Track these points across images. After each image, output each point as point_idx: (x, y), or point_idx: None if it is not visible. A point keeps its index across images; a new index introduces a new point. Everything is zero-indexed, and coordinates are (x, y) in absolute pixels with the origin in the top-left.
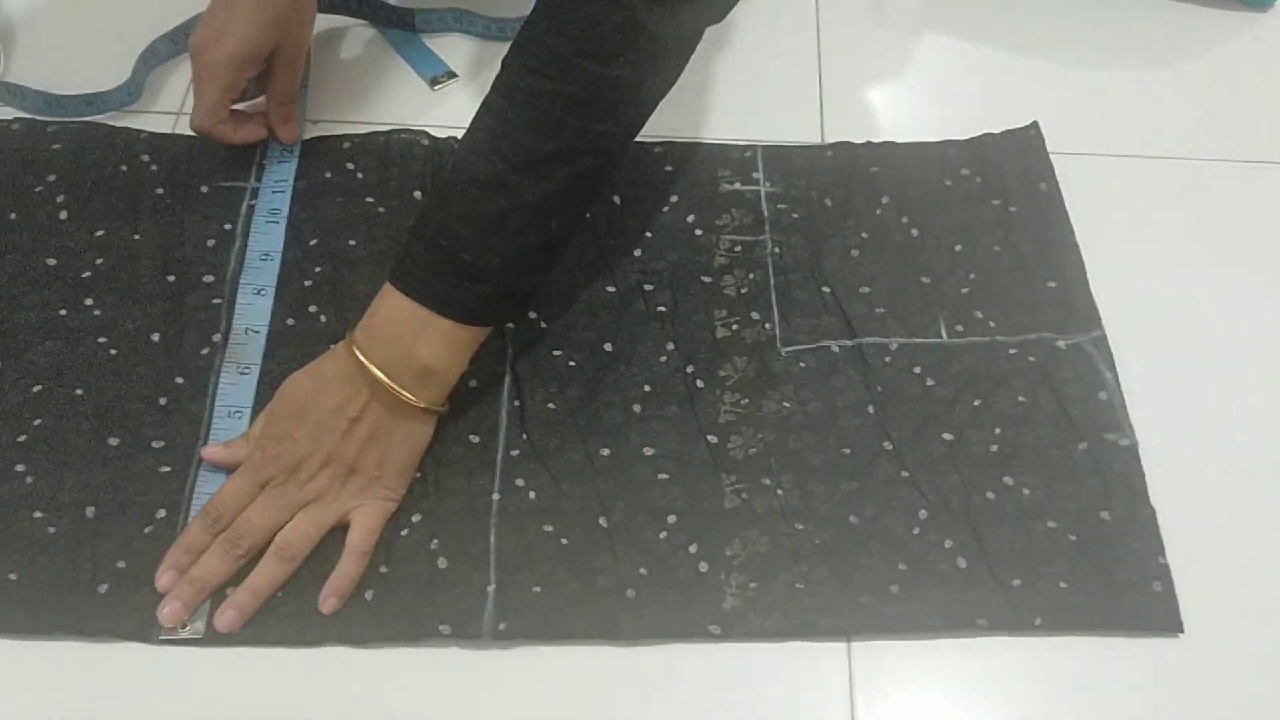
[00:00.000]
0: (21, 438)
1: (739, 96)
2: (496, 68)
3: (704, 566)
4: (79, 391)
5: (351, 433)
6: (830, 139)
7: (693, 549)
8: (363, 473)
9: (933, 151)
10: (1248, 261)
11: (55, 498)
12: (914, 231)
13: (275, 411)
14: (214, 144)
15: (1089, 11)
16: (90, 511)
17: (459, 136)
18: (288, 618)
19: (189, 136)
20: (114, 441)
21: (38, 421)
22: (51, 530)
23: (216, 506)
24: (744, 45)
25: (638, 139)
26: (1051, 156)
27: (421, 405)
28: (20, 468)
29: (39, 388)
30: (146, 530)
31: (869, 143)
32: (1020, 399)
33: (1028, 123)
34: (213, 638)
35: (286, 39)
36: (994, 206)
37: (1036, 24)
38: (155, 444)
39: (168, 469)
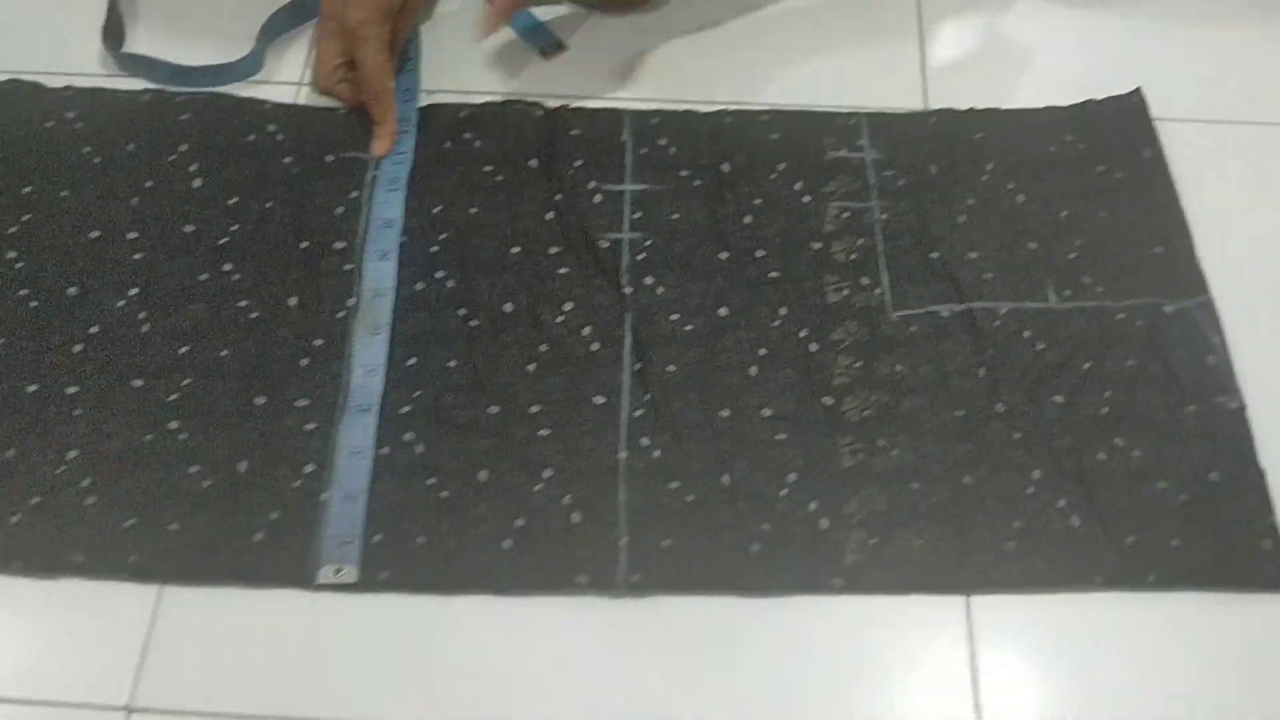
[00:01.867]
0: (173, 396)
1: (841, 64)
2: (605, 38)
3: (824, 523)
4: (224, 353)
5: None
6: (933, 105)
7: (813, 506)
8: None
9: (1036, 118)
10: None
11: (208, 453)
12: (1020, 198)
13: None
14: (336, 115)
15: None
16: (242, 466)
17: (570, 106)
18: (435, 564)
19: (313, 107)
20: (260, 400)
21: (187, 381)
22: (206, 484)
23: None
24: (846, 12)
25: (743, 106)
26: (1155, 123)
27: None
28: (173, 424)
29: (185, 349)
30: (295, 484)
31: (972, 109)
32: (1129, 362)
33: (1131, 89)
34: (365, 585)
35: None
36: (1098, 173)
37: None
38: (299, 402)
39: (312, 426)
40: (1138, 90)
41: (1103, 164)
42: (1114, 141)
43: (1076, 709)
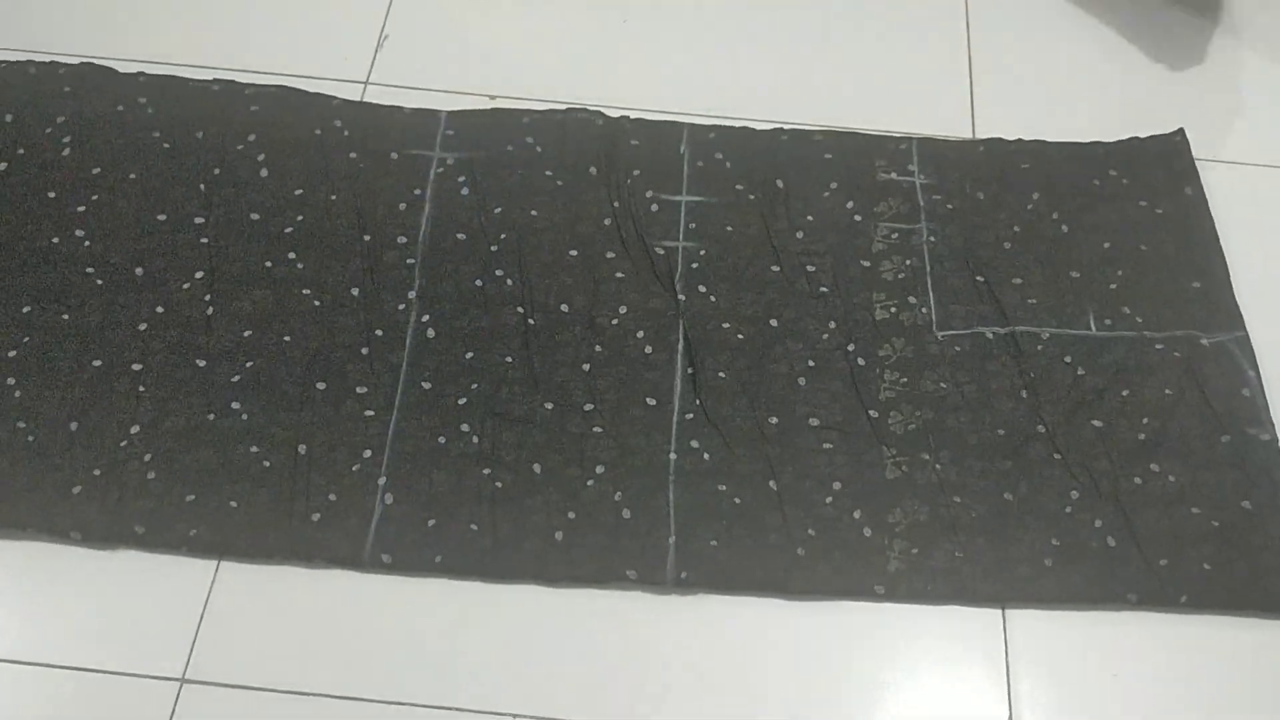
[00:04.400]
0: (236, 378)
1: (892, 88)
2: (664, 52)
3: (868, 531)
4: (287, 339)
5: None
6: (980, 133)
7: (857, 514)
8: None
9: (1082, 151)
10: None
11: (269, 434)
12: (1064, 228)
13: None
14: (402, 113)
15: (1239, 19)
16: (302, 449)
17: (630, 116)
18: (487, 551)
19: (379, 105)
20: (321, 386)
21: (250, 364)
22: (266, 464)
23: None
24: (896, 38)
25: (798, 126)
26: (1197, 163)
27: None
28: (236, 405)
29: (249, 332)
30: (355, 468)
31: (1020, 140)
32: (1166, 391)
33: (1174, 129)
34: (416, 567)
35: None
36: (1141, 208)
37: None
38: (359, 389)
39: (371, 413)
40: (1180, 130)
41: (1145, 199)
42: (1156, 178)
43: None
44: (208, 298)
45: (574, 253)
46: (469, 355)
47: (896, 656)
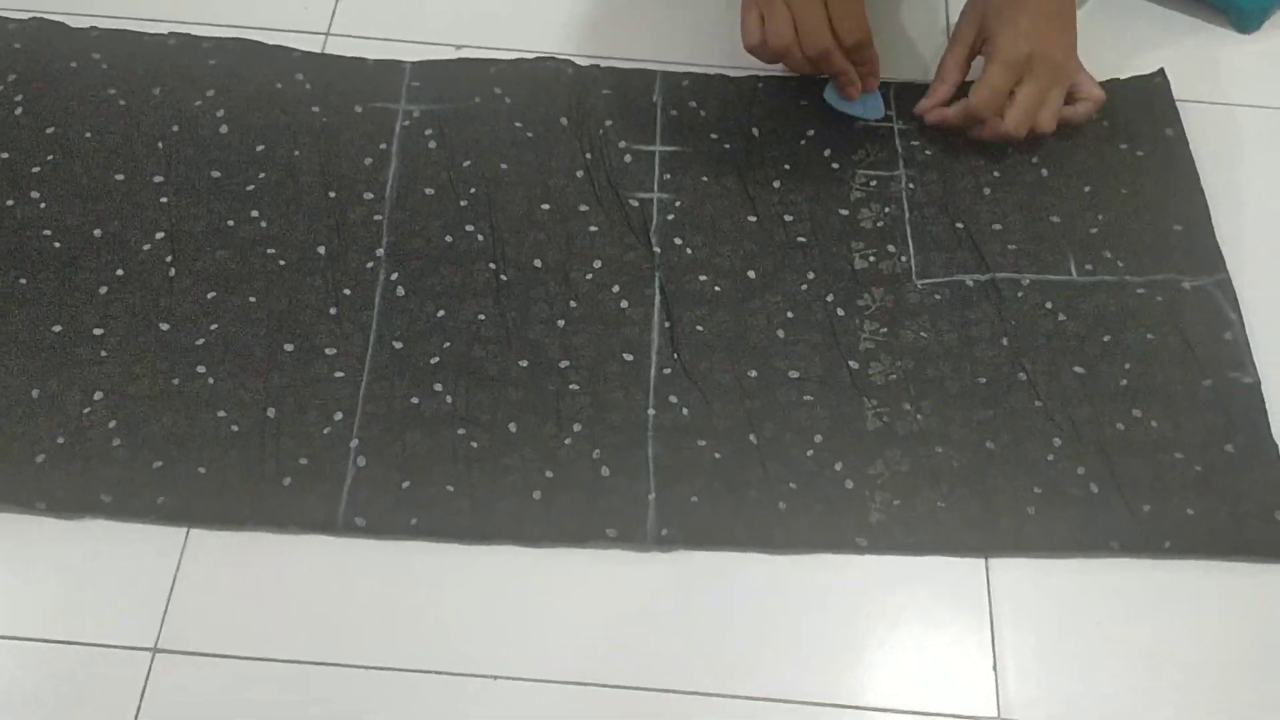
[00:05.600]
0: (200, 341)
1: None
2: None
3: (849, 484)
4: (252, 299)
5: None
6: None
7: (838, 467)
8: None
9: None
10: None
11: (236, 398)
12: (1044, 171)
13: None
14: (365, 65)
15: None
16: (271, 412)
17: (601, 65)
18: (463, 513)
19: (341, 57)
20: (289, 347)
21: (214, 326)
22: (235, 429)
23: None
24: None
25: (774, 73)
26: (1178, 104)
27: None
28: (201, 369)
29: (213, 294)
30: (325, 431)
31: None
32: (1148, 336)
33: (1154, 69)
34: (391, 530)
35: None
36: (1121, 150)
37: None
38: (328, 350)
39: (341, 374)
40: (1161, 71)
41: (1125, 142)
42: (1137, 120)
43: (1092, 670)
44: (169, 259)
45: (546, 206)
46: (440, 313)
47: (879, 608)
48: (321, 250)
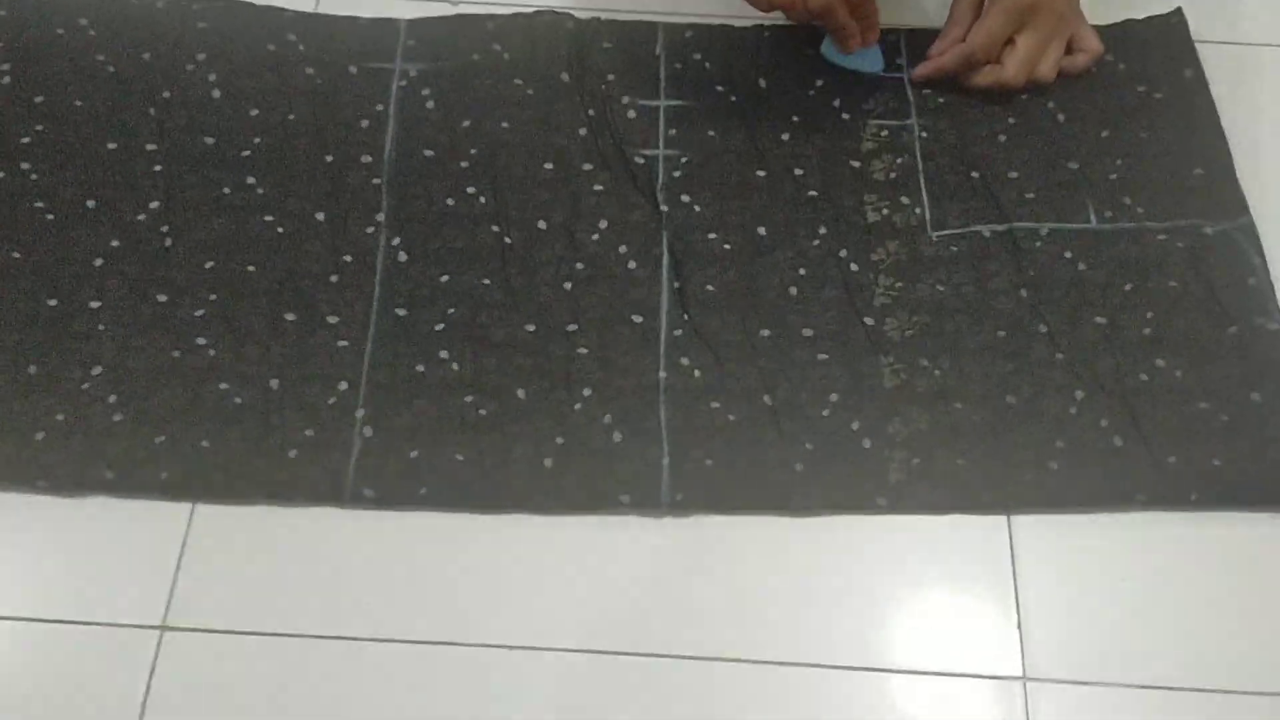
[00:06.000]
0: (199, 312)
1: None
2: None
3: (868, 443)
4: (251, 268)
5: None
6: None
7: (856, 426)
8: None
9: None
10: None
11: (238, 370)
12: (1060, 117)
13: None
14: (359, 24)
15: None
16: (274, 384)
17: (602, 19)
18: (473, 481)
19: (334, 16)
20: (290, 317)
21: (213, 296)
22: (238, 401)
23: None
24: None
25: (781, 22)
26: (1196, 45)
27: None
28: (201, 340)
29: (211, 264)
30: (331, 401)
31: None
32: (1171, 284)
33: (1172, 9)
34: (400, 500)
35: None
36: (1139, 93)
37: None
38: (330, 319)
39: (345, 343)
40: (1178, 10)
41: (1143, 84)
42: (1155, 62)
43: (1116, 625)
44: (165, 229)
45: (549, 166)
46: (444, 278)
47: (901, 569)
48: (320, 216)
